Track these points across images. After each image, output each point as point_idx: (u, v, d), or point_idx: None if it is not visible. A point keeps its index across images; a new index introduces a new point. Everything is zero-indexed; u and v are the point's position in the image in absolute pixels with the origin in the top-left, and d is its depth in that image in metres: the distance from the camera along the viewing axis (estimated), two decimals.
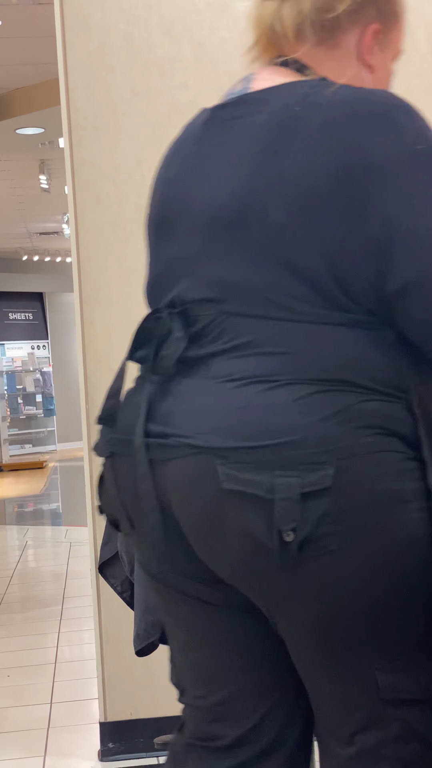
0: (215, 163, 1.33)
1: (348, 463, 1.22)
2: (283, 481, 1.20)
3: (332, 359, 1.25)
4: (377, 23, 1.39)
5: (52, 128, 7.64)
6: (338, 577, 1.24)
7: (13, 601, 5.08)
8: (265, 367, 1.25)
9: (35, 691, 3.61)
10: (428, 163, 1.24)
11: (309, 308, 1.26)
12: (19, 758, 2.97)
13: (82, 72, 2.81)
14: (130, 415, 1.33)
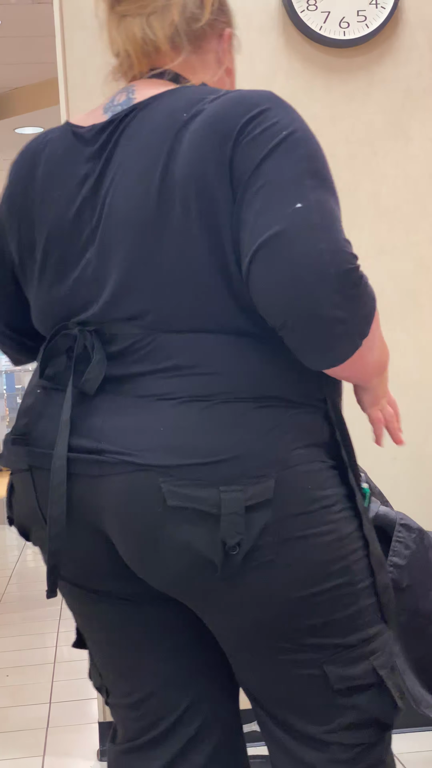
0: (114, 179, 1.34)
1: (285, 474, 1.28)
2: (228, 496, 1.24)
3: (261, 376, 1.30)
4: (229, 28, 1.47)
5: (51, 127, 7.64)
6: (277, 584, 1.30)
7: (12, 601, 5.08)
8: (201, 386, 1.28)
9: (34, 690, 3.61)
10: (290, 147, 1.26)
11: (235, 324, 1.30)
12: (18, 758, 2.97)
13: (82, 71, 2.81)
14: (49, 429, 1.35)
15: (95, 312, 1.34)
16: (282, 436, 1.30)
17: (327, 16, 2.83)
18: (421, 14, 2.89)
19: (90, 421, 1.32)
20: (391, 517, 1.92)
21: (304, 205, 1.22)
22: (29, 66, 6.57)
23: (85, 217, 1.35)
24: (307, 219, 1.22)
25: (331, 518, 1.33)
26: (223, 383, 1.29)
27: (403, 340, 2.93)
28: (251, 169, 1.25)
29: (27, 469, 1.39)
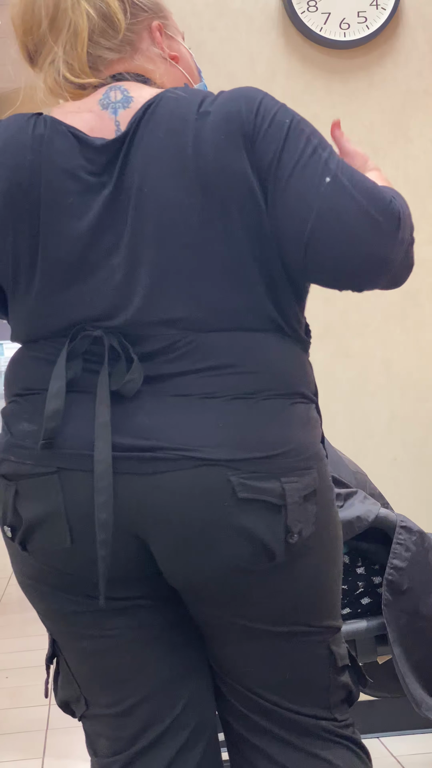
0: (138, 185, 1.36)
1: (321, 466, 1.40)
2: (290, 486, 1.34)
3: (290, 374, 1.40)
4: (156, 20, 1.50)
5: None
6: (316, 568, 1.40)
7: (12, 602, 5.08)
8: (243, 385, 1.36)
9: (34, 692, 3.60)
10: (297, 131, 1.37)
11: (270, 322, 1.39)
12: (18, 760, 2.97)
13: None
14: (81, 431, 1.34)
15: (127, 316, 1.36)
16: (313, 430, 1.41)
17: (327, 17, 2.82)
18: (421, 15, 2.89)
19: (133, 420, 1.34)
20: (392, 519, 1.92)
21: (332, 177, 1.33)
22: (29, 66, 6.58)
23: (106, 225, 1.37)
24: (341, 187, 1.33)
25: (335, 508, 1.45)
26: (262, 381, 1.37)
27: (403, 340, 2.93)
28: (275, 163, 1.34)
29: (53, 472, 1.37)
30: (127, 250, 1.36)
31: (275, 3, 2.84)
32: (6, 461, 1.41)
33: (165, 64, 1.51)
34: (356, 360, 2.91)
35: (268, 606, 1.39)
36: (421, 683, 1.89)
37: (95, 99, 1.42)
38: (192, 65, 1.58)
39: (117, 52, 1.46)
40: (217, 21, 2.84)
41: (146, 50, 1.49)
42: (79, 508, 1.35)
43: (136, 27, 1.48)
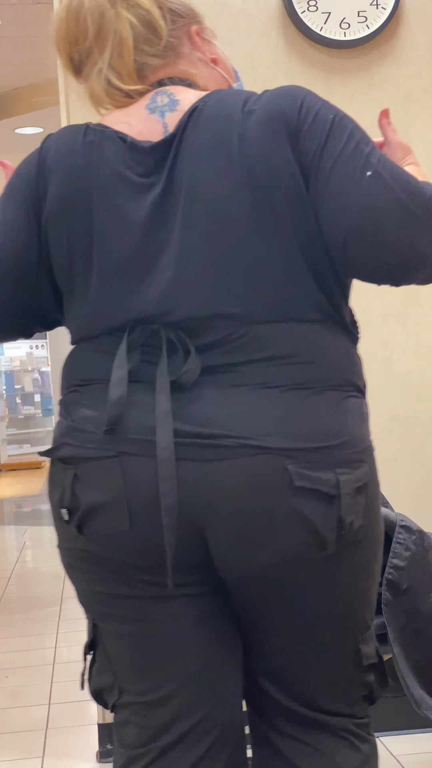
0: (186, 185, 1.40)
1: (371, 460, 1.44)
2: (344, 477, 1.37)
3: (345, 368, 1.43)
4: (193, 25, 1.55)
5: (51, 128, 7.62)
6: (359, 561, 1.43)
7: (12, 602, 5.08)
8: (300, 375, 1.38)
9: (33, 692, 3.60)
10: (340, 127, 1.41)
11: (323, 312, 1.41)
12: (18, 759, 2.97)
13: None
14: (142, 417, 1.37)
15: (181, 311, 1.39)
16: (364, 424, 1.45)
17: (327, 17, 2.82)
18: (421, 15, 2.89)
19: (193, 408, 1.37)
20: (392, 518, 1.92)
21: (373, 171, 1.36)
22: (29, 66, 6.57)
23: (156, 225, 1.41)
24: (382, 181, 1.36)
25: (378, 504, 1.47)
26: (320, 372, 1.40)
27: (404, 340, 2.93)
28: (317, 156, 1.38)
29: (115, 456, 1.38)
30: (178, 246, 1.40)
31: (275, 3, 2.85)
32: (66, 445, 1.43)
33: (206, 67, 1.56)
34: None
35: (313, 597, 1.42)
36: (421, 683, 1.89)
37: (142, 104, 1.47)
38: (229, 67, 1.62)
39: (161, 58, 1.51)
40: (217, 21, 2.84)
41: (188, 55, 1.54)
42: (140, 493, 1.37)
43: (176, 32, 1.53)
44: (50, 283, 1.51)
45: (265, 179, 1.38)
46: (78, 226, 1.44)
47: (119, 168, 1.43)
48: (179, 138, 1.42)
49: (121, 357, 1.40)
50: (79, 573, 1.49)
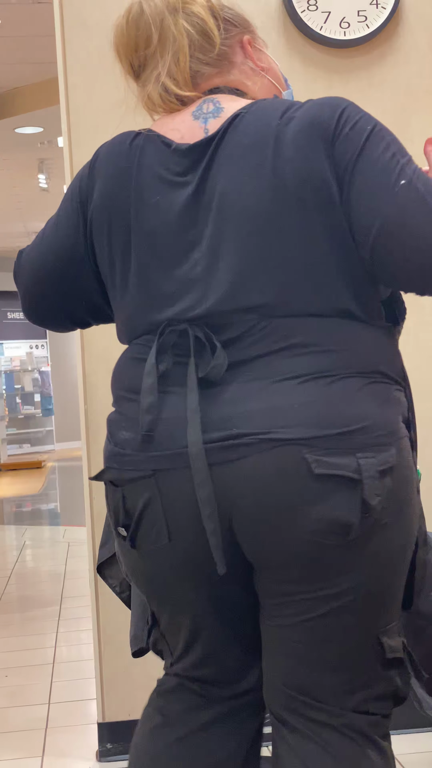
0: (218, 185, 1.46)
1: (400, 444, 1.44)
2: (366, 461, 1.38)
3: (370, 354, 1.45)
4: (245, 35, 1.63)
5: (51, 127, 7.64)
6: (393, 546, 1.44)
7: (11, 601, 5.08)
8: (321, 364, 1.41)
9: (33, 691, 3.61)
10: (378, 137, 1.44)
11: (346, 309, 1.44)
12: (17, 758, 2.97)
13: (82, 71, 2.81)
14: (171, 431, 1.43)
15: (208, 307, 1.44)
16: (392, 408, 1.45)
17: (327, 17, 2.82)
18: (421, 14, 2.89)
19: (216, 410, 1.42)
20: None
21: (407, 180, 1.38)
22: (29, 65, 6.57)
23: (187, 222, 1.47)
24: (415, 190, 1.38)
25: (416, 490, 1.48)
26: (341, 360, 1.42)
27: (404, 340, 2.92)
28: (352, 163, 1.41)
29: (150, 475, 1.46)
30: (208, 243, 1.45)
31: (275, 2, 2.85)
32: (111, 469, 1.52)
33: (257, 75, 1.63)
34: None
35: (339, 582, 1.43)
36: (421, 682, 1.89)
37: (189, 111, 1.55)
38: (279, 75, 1.68)
39: (214, 66, 1.57)
40: None
41: (240, 64, 1.61)
42: (178, 505, 1.45)
43: (229, 41, 1.60)
44: (97, 281, 1.61)
45: (296, 183, 1.42)
46: (118, 223, 1.52)
47: (158, 169, 1.50)
48: (218, 141, 1.48)
49: (150, 364, 1.46)
50: (139, 582, 1.59)
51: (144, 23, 1.56)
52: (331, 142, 1.43)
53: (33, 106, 7.21)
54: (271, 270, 1.43)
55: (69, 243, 1.60)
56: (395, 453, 1.42)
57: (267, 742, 1.60)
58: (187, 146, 1.49)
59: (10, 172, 9.45)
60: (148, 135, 1.54)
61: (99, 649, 2.89)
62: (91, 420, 2.85)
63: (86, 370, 2.84)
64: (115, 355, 2.81)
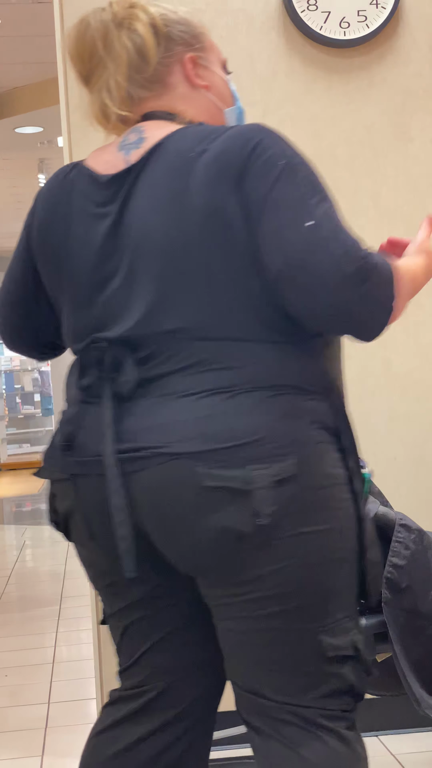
0: (135, 216, 1.52)
1: (305, 452, 1.47)
2: (258, 473, 1.43)
3: (277, 369, 1.49)
4: (189, 53, 1.63)
5: (51, 127, 7.64)
6: (302, 550, 1.47)
7: (11, 601, 5.08)
8: (221, 379, 1.47)
9: (33, 690, 3.61)
10: (290, 174, 1.44)
11: (250, 331, 1.49)
12: (17, 758, 2.97)
13: None
14: (90, 437, 1.52)
15: (126, 329, 1.52)
16: (297, 419, 1.48)
17: (327, 16, 2.83)
18: (421, 14, 2.89)
19: (126, 424, 1.49)
20: (391, 517, 1.92)
21: (315, 222, 1.40)
22: (29, 65, 6.57)
23: (108, 252, 1.53)
24: (318, 233, 1.40)
25: (342, 495, 1.52)
26: (242, 375, 1.47)
27: (404, 340, 2.93)
28: (262, 199, 1.43)
29: (69, 479, 1.56)
30: (125, 273, 1.52)
31: (275, 2, 2.85)
32: (44, 469, 1.63)
33: (196, 94, 1.63)
34: (356, 360, 2.92)
35: (261, 586, 1.48)
36: (421, 681, 1.89)
37: (117, 142, 1.58)
38: (224, 92, 1.67)
39: (148, 89, 1.60)
40: (217, 20, 2.84)
41: (177, 84, 1.62)
42: (92, 509, 1.54)
43: (168, 60, 1.61)
44: (49, 308, 1.70)
45: (203, 216, 1.45)
46: (54, 254, 1.60)
47: (84, 201, 1.57)
48: (137, 172, 1.52)
49: (71, 378, 1.59)
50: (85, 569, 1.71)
51: (90, 36, 1.58)
52: (240, 176, 1.44)
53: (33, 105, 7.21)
54: (181, 297, 1.48)
55: (23, 271, 1.69)
56: (295, 462, 1.45)
57: None
58: (108, 177, 1.54)
59: (10, 172, 9.46)
60: (81, 167, 1.60)
61: (99, 648, 2.89)
62: None
63: None
64: None
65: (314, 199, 1.43)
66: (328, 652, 1.51)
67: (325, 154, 2.88)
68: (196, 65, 1.63)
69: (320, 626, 1.51)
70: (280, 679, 1.52)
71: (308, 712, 1.51)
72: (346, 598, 1.54)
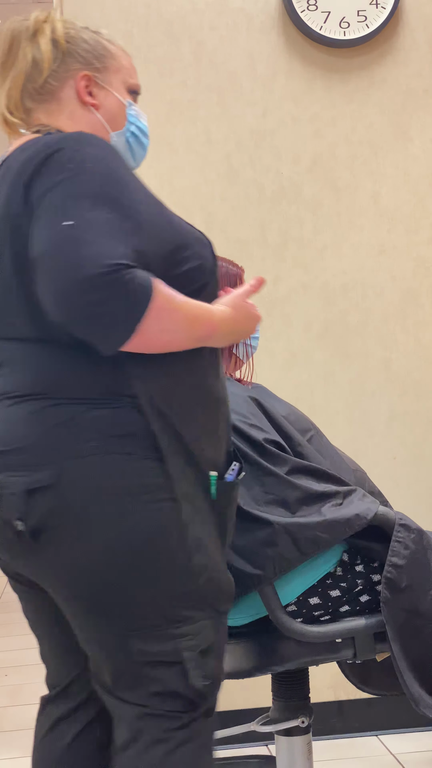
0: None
1: (72, 464, 1.46)
2: (11, 480, 1.46)
3: (58, 378, 1.49)
4: (84, 71, 1.66)
5: None
6: (76, 560, 1.49)
7: (12, 601, 5.06)
8: (5, 385, 1.52)
9: (33, 690, 3.60)
10: (72, 178, 1.46)
11: (33, 333, 1.50)
12: (17, 757, 2.97)
13: None
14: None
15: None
16: (71, 429, 1.47)
17: (327, 16, 2.83)
18: (421, 14, 2.89)
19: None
20: (391, 517, 1.92)
21: (74, 223, 1.41)
22: None
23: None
24: (72, 233, 1.40)
25: (133, 508, 1.48)
26: (21, 383, 1.51)
27: (403, 339, 2.93)
28: (40, 198, 1.47)
29: None
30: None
31: (275, 2, 2.85)
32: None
33: (84, 111, 1.66)
34: (356, 360, 2.92)
35: (52, 587, 1.56)
36: (420, 681, 1.89)
37: None
38: (117, 115, 1.69)
39: (38, 101, 1.65)
40: (217, 20, 2.85)
41: (67, 100, 1.65)
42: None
43: (62, 75, 1.65)
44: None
45: (3, 224, 1.51)
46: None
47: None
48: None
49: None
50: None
51: (1, 42, 1.66)
52: (31, 180, 1.48)
53: None
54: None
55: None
56: (50, 474, 1.45)
57: (266, 741, 1.60)
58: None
59: None
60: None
61: None
62: None
63: None
64: None
65: (87, 202, 1.43)
66: (138, 656, 1.51)
67: (325, 153, 2.88)
68: (91, 84, 1.66)
69: (127, 631, 1.51)
70: (105, 673, 1.56)
71: (135, 709, 1.53)
72: (161, 606, 1.51)
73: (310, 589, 1.92)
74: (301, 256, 2.89)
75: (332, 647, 1.91)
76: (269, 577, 1.83)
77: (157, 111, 2.83)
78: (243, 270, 2.06)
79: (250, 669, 1.94)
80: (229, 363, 2.03)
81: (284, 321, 2.89)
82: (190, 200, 2.85)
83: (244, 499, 1.82)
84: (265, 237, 2.88)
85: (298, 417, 2.05)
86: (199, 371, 1.56)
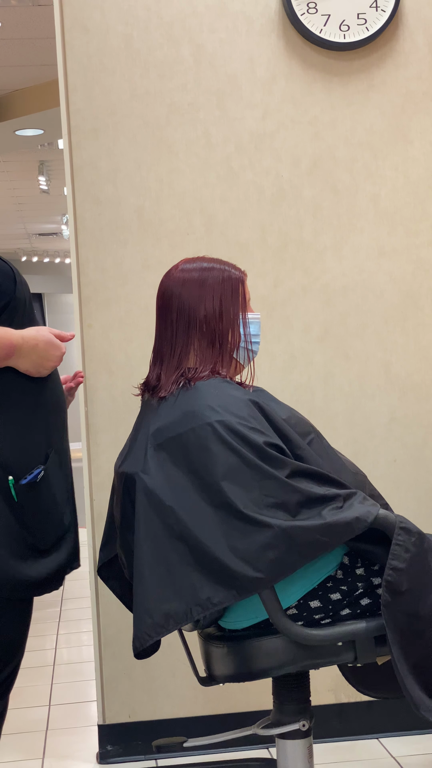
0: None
1: None
2: None
3: None
4: None
5: (52, 130, 7.63)
6: None
7: None
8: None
9: (34, 693, 3.60)
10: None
11: None
12: (18, 760, 2.97)
13: (82, 74, 2.81)
14: None
15: None
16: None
17: (327, 19, 2.83)
18: (421, 17, 2.90)
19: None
20: (391, 520, 1.91)
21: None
22: (30, 68, 6.56)
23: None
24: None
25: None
26: None
27: (403, 342, 2.93)
28: None
29: None
30: None
31: (275, 5, 2.85)
32: None
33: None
34: (356, 362, 2.92)
35: None
36: (420, 684, 1.89)
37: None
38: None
39: None
40: (217, 23, 2.85)
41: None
42: None
43: None
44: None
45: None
46: None
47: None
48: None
49: None
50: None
51: None
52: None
53: (33, 108, 7.20)
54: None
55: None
56: None
57: (266, 745, 1.59)
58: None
59: (11, 174, 9.45)
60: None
61: (99, 650, 2.89)
62: (91, 421, 2.85)
63: (86, 372, 2.85)
64: (114, 357, 2.81)
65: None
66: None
67: (324, 156, 2.89)
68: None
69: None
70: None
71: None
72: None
73: (310, 593, 1.92)
74: (301, 259, 2.89)
75: (333, 650, 1.91)
76: (270, 580, 1.83)
77: (156, 114, 2.83)
78: (245, 274, 2.05)
79: (251, 672, 1.94)
80: (230, 367, 2.03)
81: (284, 323, 2.89)
82: (190, 203, 2.85)
83: (243, 502, 1.82)
84: (265, 239, 2.88)
85: (298, 420, 2.05)
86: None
